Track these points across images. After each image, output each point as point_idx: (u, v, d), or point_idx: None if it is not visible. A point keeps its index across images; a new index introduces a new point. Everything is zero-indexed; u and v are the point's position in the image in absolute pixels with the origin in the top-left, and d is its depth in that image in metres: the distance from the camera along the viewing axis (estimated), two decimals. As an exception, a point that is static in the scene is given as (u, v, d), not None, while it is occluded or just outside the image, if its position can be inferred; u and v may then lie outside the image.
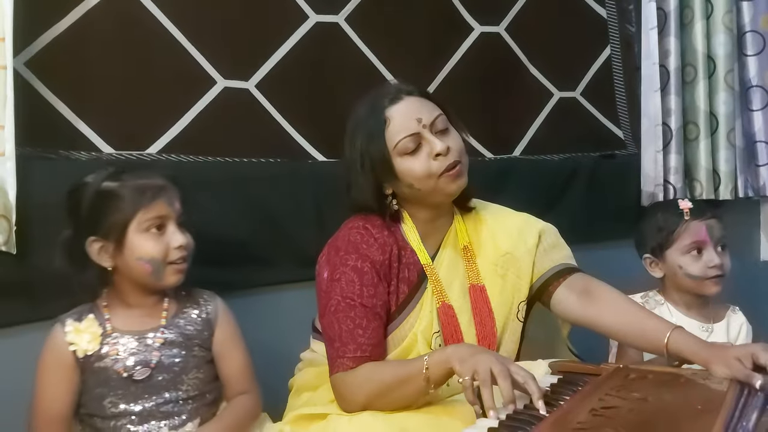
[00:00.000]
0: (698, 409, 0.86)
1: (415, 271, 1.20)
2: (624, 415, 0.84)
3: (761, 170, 2.08)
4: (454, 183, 1.16)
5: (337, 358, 1.10)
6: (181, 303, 1.17)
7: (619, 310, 1.19)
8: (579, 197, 1.91)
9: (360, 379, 1.07)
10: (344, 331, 1.10)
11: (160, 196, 1.10)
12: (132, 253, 1.08)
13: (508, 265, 1.25)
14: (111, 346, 1.10)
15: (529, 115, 1.93)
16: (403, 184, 1.17)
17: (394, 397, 1.04)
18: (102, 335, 1.09)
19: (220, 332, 1.18)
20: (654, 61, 1.91)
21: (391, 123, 1.15)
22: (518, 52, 1.90)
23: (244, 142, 1.48)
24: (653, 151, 1.92)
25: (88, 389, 1.10)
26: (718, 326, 1.43)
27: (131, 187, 1.09)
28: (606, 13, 2.06)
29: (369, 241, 1.17)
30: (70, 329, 1.09)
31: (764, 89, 2.06)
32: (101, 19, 1.32)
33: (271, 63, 1.52)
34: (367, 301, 1.12)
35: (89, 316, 1.11)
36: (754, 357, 0.99)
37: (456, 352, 0.99)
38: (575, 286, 1.23)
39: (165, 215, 1.10)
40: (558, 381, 1.02)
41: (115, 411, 1.09)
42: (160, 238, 1.10)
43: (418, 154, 1.14)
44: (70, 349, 1.08)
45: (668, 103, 1.94)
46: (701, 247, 1.40)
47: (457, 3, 1.79)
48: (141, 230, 1.08)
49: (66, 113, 1.29)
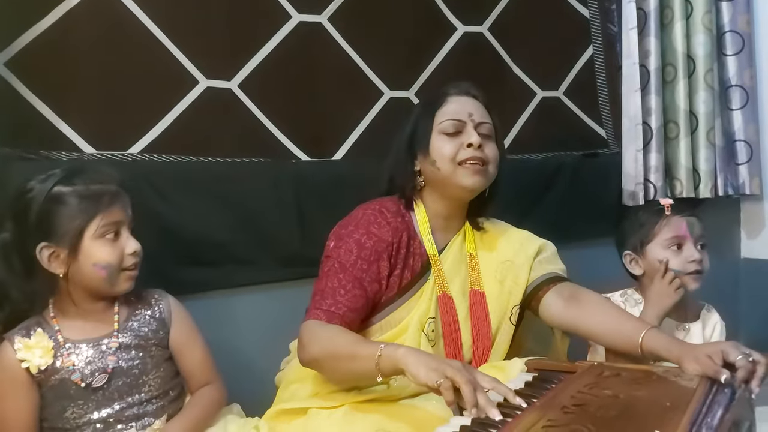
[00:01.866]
0: (667, 405, 0.88)
1: (420, 261, 1.26)
2: (594, 411, 0.86)
3: (741, 168, 2.11)
4: (471, 177, 1.23)
5: (313, 308, 1.17)
6: (132, 305, 1.16)
7: (599, 313, 1.24)
8: (562, 196, 1.93)
9: (322, 334, 1.12)
10: (328, 288, 1.17)
11: (116, 201, 1.10)
12: (87, 259, 1.07)
13: (507, 272, 1.31)
14: (65, 357, 1.07)
15: (513, 114, 1.94)
16: (429, 161, 1.25)
17: (342, 366, 1.08)
18: (54, 347, 1.07)
19: (176, 329, 1.17)
20: (634, 60, 1.93)
21: (447, 104, 1.28)
22: (501, 52, 1.91)
23: (226, 141, 1.49)
24: (634, 150, 1.94)
25: (48, 403, 1.07)
26: (695, 325, 1.45)
27: (86, 193, 1.07)
28: (588, 13, 2.08)
29: (381, 222, 1.24)
30: (20, 346, 1.06)
31: (743, 89, 2.09)
32: (82, 19, 1.32)
33: (253, 63, 1.53)
34: (357, 272, 1.19)
35: (38, 330, 1.08)
36: (724, 354, 1.02)
37: (410, 356, 0.98)
38: (563, 292, 1.29)
39: (120, 221, 1.10)
40: (533, 378, 1.04)
41: (79, 422, 1.07)
42: (115, 244, 1.09)
43: (454, 139, 1.24)
44: (22, 366, 1.05)
45: (648, 102, 1.96)
46: (681, 243, 1.42)
47: (440, 3, 1.80)
48: (97, 236, 1.07)
49: (47, 113, 1.29)
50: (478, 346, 1.25)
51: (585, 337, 1.30)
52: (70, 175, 1.08)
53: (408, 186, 1.28)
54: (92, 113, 1.34)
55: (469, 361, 1.25)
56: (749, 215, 2.26)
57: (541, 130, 1.96)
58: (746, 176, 2.10)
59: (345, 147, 1.63)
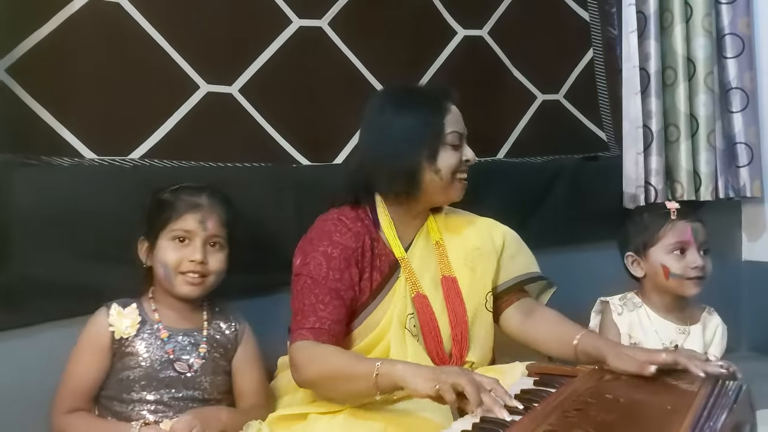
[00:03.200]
0: (668, 409, 0.88)
1: (387, 262, 1.27)
2: (594, 415, 0.86)
3: (741, 171, 2.10)
4: (461, 191, 1.30)
5: (297, 329, 1.16)
6: (214, 314, 1.27)
7: (546, 324, 1.30)
8: (562, 199, 1.93)
9: (316, 355, 1.12)
10: (306, 306, 1.18)
11: (191, 212, 1.20)
12: (156, 255, 1.20)
13: (478, 260, 1.33)
14: (149, 335, 1.19)
15: (513, 117, 1.94)
16: (434, 169, 1.25)
17: (340, 387, 1.10)
18: (140, 324, 1.19)
19: (243, 349, 1.27)
20: (634, 64, 1.93)
21: (450, 114, 1.28)
22: (501, 56, 1.91)
23: (227, 146, 1.49)
24: (634, 153, 1.94)
25: (115, 372, 1.17)
26: (695, 328, 1.45)
27: (175, 199, 1.21)
28: (588, 16, 2.08)
29: (342, 229, 1.25)
30: (114, 313, 1.18)
31: (744, 91, 2.09)
32: (83, 25, 1.33)
33: (254, 68, 1.53)
34: (331, 283, 1.19)
35: (132, 305, 1.20)
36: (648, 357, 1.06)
37: (408, 370, 1.00)
38: (523, 307, 1.35)
39: (191, 230, 1.20)
40: (534, 383, 1.04)
41: (135, 396, 1.16)
42: (181, 249, 1.20)
43: (456, 151, 1.27)
44: (109, 330, 1.17)
45: (649, 105, 1.96)
46: (685, 248, 1.42)
47: (440, 7, 1.81)
48: (168, 238, 1.20)
49: (48, 119, 1.30)
50: (457, 332, 1.26)
51: (534, 347, 1.33)
52: (183, 187, 1.24)
53: (408, 187, 1.25)
54: (93, 119, 1.35)
55: (450, 351, 1.25)
56: (750, 218, 2.26)
57: (542, 134, 1.96)
58: (747, 179, 2.09)
59: (345, 151, 1.63)
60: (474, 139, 1.81)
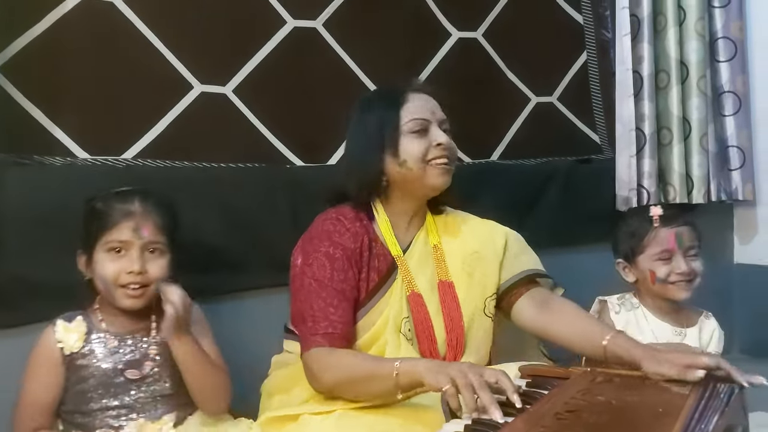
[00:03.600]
0: (659, 411, 0.88)
1: (385, 262, 1.26)
2: (586, 418, 0.86)
3: (734, 174, 2.11)
4: (440, 176, 1.25)
5: (310, 335, 1.15)
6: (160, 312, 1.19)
7: (568, 318, 1.25)
8: (555, 201, 1.93)
9: (332, 361, 1.11)
10: (316, 310, 1.16)
11: (125, 221, 1.15)
12: (94, 269, 1.16)
13: (476, 264, 1.31)
14: (98, 344, 1.16)
15: (507, 119, 1.95)
16: (398, 162, 1.23)
17: (360, 389, 1.09)
18: (87, 334, 1.16)
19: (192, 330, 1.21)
20: (627, 67, 1.94)
21: (409, 103, 1.26)
22: (495, 58, 1.92)
23: (221, 147, 1.49)
24: (627, 155, 1.95)
25: (71, 386, 1.16)
26: (691, 331, 1.46)
27: (108, 209, 1.15)
28: (582, 19, 2.09)
29: (341, 230, 1.24)
30: (59, 329, 1.16)
31: (736, 95, 2.10)
32: (76, 24, 1.33)
33: (248, 68, 1.53)
34: (337, 285, 1.18)
35: (78, 318, 1.18)
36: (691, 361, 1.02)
37: (428, 366, 1.01)
38: (536, 297, 1.30)
39: (126, 240, 1.15)
40: (527, 385, 1.04)
41: (95, 406, 1.15)
42: (118, 260, 1.15)
43: (422, 138, 1.24)
44: (58, 346, 1.15)
45: (642, 108, 1.96)
46: (670, 255, 1.44)
47: (434, 9, 1.81)
48: (103, 250, 1.15)
49: (40, 118, 1.29)
50: (452, 337, 1.24)
51: (554, 342, 1.29)
52: (118, 194, 1.18)
53: (374, 188, 1.26)
54: (86, 118, 1.34)
55: (444, 355, 1.24)
56: (742, 221, 2.27)
57: (535, 136, 1.97)
58: (739, 182, 2.11)
59: (339, 152, 1.63)
60: (468, 140, 1.84)
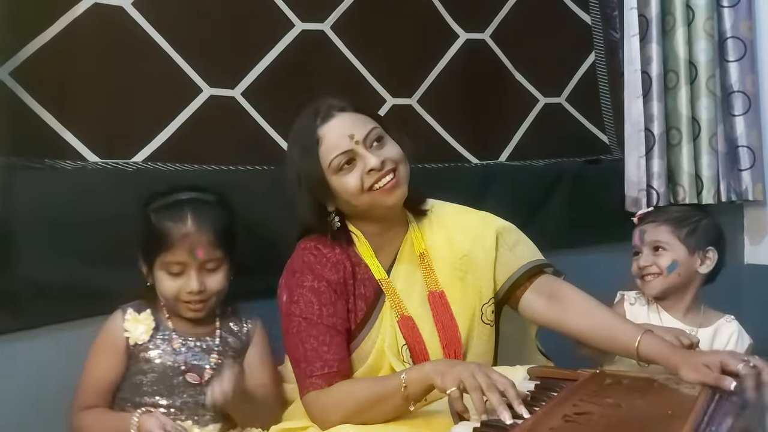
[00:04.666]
0: (668, 414, 0.88)
1: (371, 287, 1.21)
2: (596, 420, 0.86)
3: (743, 174, 2.10)
4: (390, 196, 1.16)
5: (306, 378, 1.11)
6: (228, 317, 1.28)
7: (588, 314, 1.21)
8: (564, 202, 1.93)
9: (334, 399, 1.08)
10: (308, 350, 1.12)
11: (180, 243, 1.16)
12: (156, 282, 1.20)
13: (467, 268, 1.25)
14: (162, 341, 1.20)
15: (515, 120, 1.94)
16: (342, 201, 1.18)
17: (370, 414, 1.05)
18: (154, 329, 1.20)
19: (253, 348, 1.28)
20: (636, 67, 1.93)
21: (324, 141, 1.16)
22: (503, 59, 1.91)
23: (230, 149, 1.50)
24: (636, 156, 1.94)
25: (130, 375, 1.19)
26: (704, 332, 1.42)
27: (162, 228, 1.17)
28: (591, 19, 2.08)
29: (322, 261, 1.18)
30: (129, 317, 1.20)
31: (745, 94, 2.09)
32: (87, 28, 1.33)
33: (257, 71, 1.54)
34: (327, 320, 1.14)
35: (147, 311, 1.21)
36: (723, 363, 1.01)
37: (435, 367, 1.01)
38: (543, 289, 1.25)
39: (183, 262, 1.18)
40: (535, 387, 1.04)
41: (148, 400, 1.18)
42: (177, 279, 1.18)
43: (352, 170, 1.15)
44: (124, 335, 1.18)
45: (651, 108, 1.95)
46: (638, 251, 1.48)
47: (442, 10, 1.81)
48: (161, 269, 1.19)
49: (51, 122, 1.30)
50: (448, 351, 1.19)
51: (571, 336, 1.25)
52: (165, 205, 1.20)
53: (325, 227, 1.21)
54: (96, 122, 1.35)
55: None
56: (752, 221, 2.26)
57: (544, 137, 1.96)
58: (749, 182, 2.10)
59: (347, 154, 1.64)
60: (476, 142, 1.85)
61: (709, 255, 1.44)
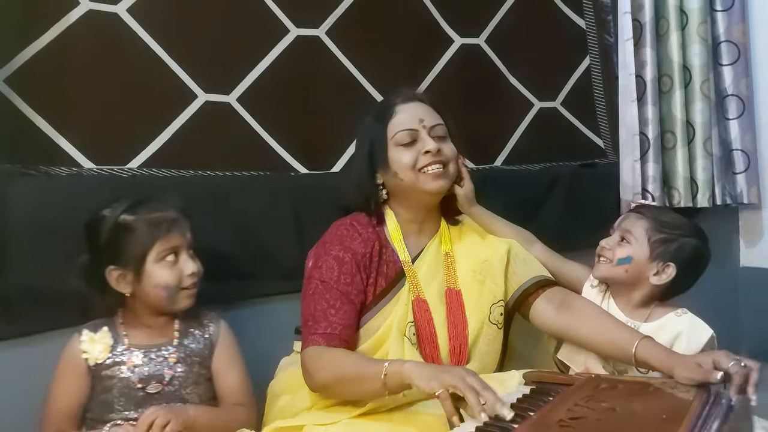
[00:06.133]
0: (663, 418, 0.88)
1: (394, 269, 1.28)
2: (591, 425, 0.87)
3: (738, 178, 2.11)
4: (434, 181, 1.26)
5: (309, 335, 1.18)
6: (189, 323, 1.26)
7: (593, 321, 1.24)
8: (560, 206, 1.93)
9: (326, 359, 1.14)
10: (318, 311, 1.19)
11: (174, 228, 1.19)
12: (150, 280, 1.18)
13: (487, 272, 1.32)
14: (122, 357, 1.19)
15: (510, 125, 1.95)
16: (391, 174, 1.27)
17: (350, 388, 1.12)
18: (113, 346, 1.19)
19: (219, 351, 1.25)
20: (630, 71, 1.94)
21: (397, 115, 1.28)
22: (498, 64, 1.92)
23: (225, 155, 1.50)
24: (631, 160, 1.95)
25: (96, 395, 1.18)
26: (647, 326, 1.33)
27: (147, 221, 1.17)
28: (585, 23, 2.09)
29: (353, 235, 1.26)
30: (85, 339, 1.18)
31: (740, 98, 2.10)
32: (81, 35, 1.34)
33: (252, 77, 1.54)
34: (342, 287, 1.21)
35: (104, 329, 1.20)
36: (716, 362, 1.03)
37: (416, 369, 1.02)
38: (554, 298, 1.30)
39: (178, 245, 1.20)
40: (530, 391, 1.04)
41: (116, 417, 1.17)
42: (174, 266, 1.19)
43: (411, 148, 1.26)
44: (83, 356, 1.17)
45: (645, 112, 1.97)
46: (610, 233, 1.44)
47: (437, 15, 1.82)
48: (158, 260, 1.18)
49: (46, 129, 1.30)
50: (455, 344, 1.24)
51: (576, 343, 1.29)
52: (134, 205, 1.18)
53: (373, 200, 1.30)
54: (91, 128, 1.35)
55: (447, 362, 1.24)
56: (747, 224, 2.27)
57: (539, 141, 1.97)
58: (744, 185, 2.11)
59: (343, 159, 1.64)
60: (471, 146, 1.85)
61: (667, 271, 1.33)
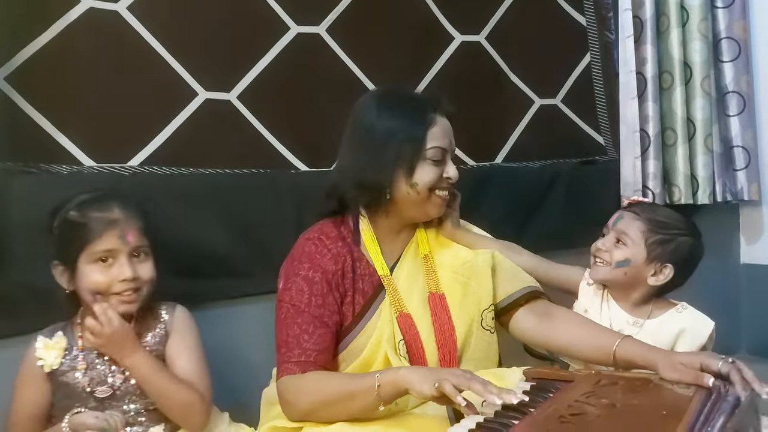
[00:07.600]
0: (663, 414, 0.88)
1: (371, 283, 1.23)
2: (591, 421, 0.87)
3: (738, 174, 2.11)
4: (441, 207, 1.25)
5: (283, 363, 1.13)
6: (146, 321, 1.20)
7: (572, 326, 1.23)
8: (560, 203, 1.93)
9: (305, 386, 1.10)
10: (290, 337, 1.14)
11: (110, 230, 1.13)
12: (80, 281, 1.13)
13: (470, 273, 1.28)
14: (74, 361, 1.15)
15: (511, 122, 1.95)
16: (409, 183, 1.20)
17: (337, 409, 1.07)
18: (67, 350, 1.15)
19: (172, 337, 1.20)
20: (631, 68, 1.93)
21: (435, 127, 1.22)
22: (499, 61, 1.92)
23: (226, 153, 1.50)
24: (632, 157, 1.95)
25: (58, 400, 1.15)
26: (650, 323, 1.35)
27: (88, 219, 1.13)
28: (585, 20, 2.09)
29: (322, 251, 1.21)
30: (40, 345, 1.15)
31: (740, 95, 2.10)
32: (82, 33, 1.33)
33: (252, 74, 1.54)
34: (314, 310, 1.15)
35: (59, 334, 1.16)
36: (704, 366, 1.01)
37: (412, 373, 1.01)
38: (537, 309, 1.28)
39: (113, 249, 1.13)
40: (531, 388, 1.04)
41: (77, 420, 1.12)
42: (107, 270, 1.13)
43: (437, 167, 1.21)
44: (38, 363, 1.14)
45: (646, 109, 1.97)
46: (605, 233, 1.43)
47: (437, 12, 1.82)
48: (89, 261, 1.13)
49: (47, 127, 1.30)
50: (444, 352, 1.20)
51: (557, 352, 1.28)
52: (88, 201, 1.15)
53: (375, 200, 1.22)
54: (92, 126, 1.35)
55: None
56: (748, 221, 2.27)
57: (539, 138, 1.97)
58: (744, 182, 2.11)
59: (344, 157, 1.64)
60: (472, 143, 1.85)
61: (665, 271, 1.34)
